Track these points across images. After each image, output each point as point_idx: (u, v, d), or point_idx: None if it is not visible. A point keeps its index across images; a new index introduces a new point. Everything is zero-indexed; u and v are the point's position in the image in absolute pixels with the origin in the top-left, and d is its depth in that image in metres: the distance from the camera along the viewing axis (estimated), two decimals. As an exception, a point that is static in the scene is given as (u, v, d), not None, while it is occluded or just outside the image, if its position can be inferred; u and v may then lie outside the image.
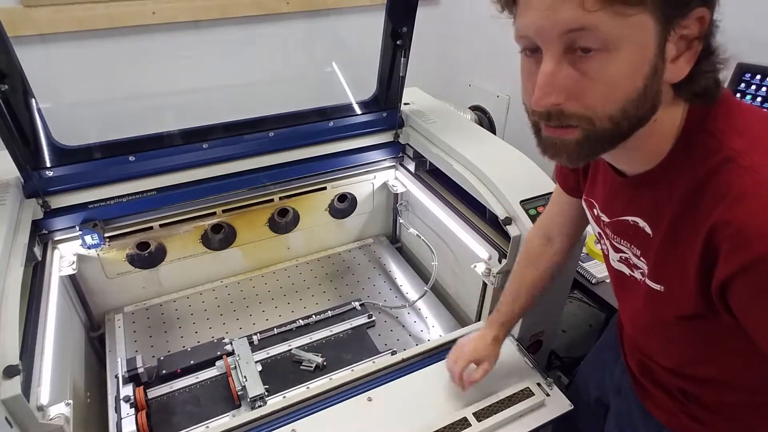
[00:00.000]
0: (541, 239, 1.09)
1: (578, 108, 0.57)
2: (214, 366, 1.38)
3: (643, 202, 0.71)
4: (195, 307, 1.65)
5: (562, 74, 0.56)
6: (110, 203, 1.37)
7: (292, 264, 1.84)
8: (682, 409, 0.85)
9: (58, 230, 1.34)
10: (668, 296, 0.71)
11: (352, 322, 1.55)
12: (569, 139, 0.60)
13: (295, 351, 1.43)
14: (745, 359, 0.65)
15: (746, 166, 0.57)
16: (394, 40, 1.46)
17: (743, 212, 0.56)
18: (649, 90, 0.57)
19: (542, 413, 1.12)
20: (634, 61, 0.55)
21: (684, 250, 0.64)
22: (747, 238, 0.55)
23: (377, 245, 1.95)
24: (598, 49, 0.54)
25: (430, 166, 1.61)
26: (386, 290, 1.74)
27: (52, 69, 1.65)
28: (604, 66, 0.55)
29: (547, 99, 0.57)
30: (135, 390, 1.27)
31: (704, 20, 0.55)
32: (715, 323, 0.67)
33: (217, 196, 1.51)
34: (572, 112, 0.58)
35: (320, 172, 1.63)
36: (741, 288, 0.59)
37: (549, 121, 0.60)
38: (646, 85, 0.56)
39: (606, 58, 0.54)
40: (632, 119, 0.58)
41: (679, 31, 0.55)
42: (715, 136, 0.61)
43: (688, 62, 0.57)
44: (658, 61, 0.55)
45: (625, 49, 0.54)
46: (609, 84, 0.56)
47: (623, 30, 0.53)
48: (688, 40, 0.56)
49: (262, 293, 1.72)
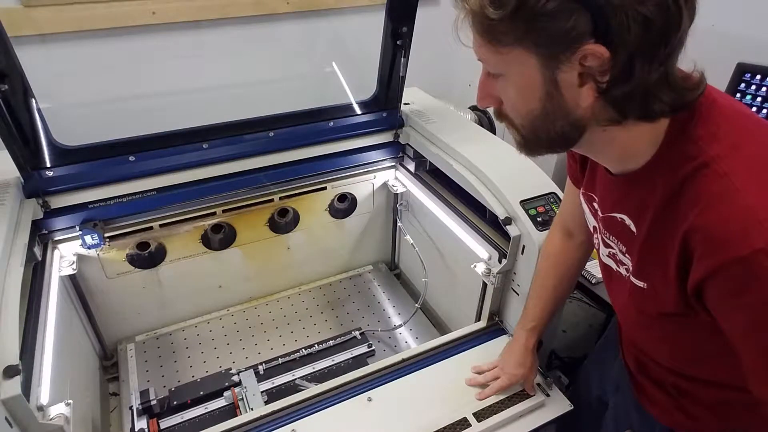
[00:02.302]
0: (561, 235, 1.10)
1: (507, 113, 0.70)
2: (222, 396, 1.43)
3: (630, 201, 0.74)
4: (203, 335, 1.72)
5: (489, 85, 0.69)
6: (110, 203, 1.37)
7: (295, 292, 1.91)
8: (676, 405, 0.86)
9: (58, 230, 1.34)
10: (651, 294, 0.74)
11: (353, 352, 1.61)
12: (514, 136, 0.72)
13: (299, 381, 1.49)
14: (732, 359, 0.67)
15: (721, 173, 0.61)
16: (394, 40, 1.45)
17: (714, 218, 0.60)
18: (550, 110, 0.64)
19: (542, 413, 1.12)
20: (522, 86, 0.65)
21: (664, 250, 0.68)
22: (717, 243, 0.59)
23: (376, 272, 2.02)
24: (496, 74, 0.67)
25: (430, 166, 1.60)
26: (385, 318, 1.81)
27: (52, 69, 1.65)
28: (502, 87, 0.68)
29: (482, 101, 0.72)
30: (149, 422, 1.33)
31: (600, 56, 0.57)
32: (697, 322, 0.69)
33: (217, 195, 1.51)
34: (505, 115, 0.71)
35: (320, 172, 1.62)
36: (713, 290, 0.62)
37: (497, 119, 0.73)
38: (545, 106, 0.64)
39: (502, 81, 0.67)
40: (549, 132, 0.67)
41: (570, 65, 0.60)
42: (694, 141, 0.64)
43: (591, 90, 0.61)
44: (550, 88, 0.63)
45: (511, 76, 0.65)
46: (510, 101, 0.68)
47: (504, 62, 0.64)
48: (590, 72, 0.60)
49: (267, 321, 1.78)
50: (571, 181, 1.00)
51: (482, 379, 1.15)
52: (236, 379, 1.48)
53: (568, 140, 0.68)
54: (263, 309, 1.83)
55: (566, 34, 0.57)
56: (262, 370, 1.53)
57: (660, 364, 0.86)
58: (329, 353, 1.60)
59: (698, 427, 0.86)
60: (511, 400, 1.12)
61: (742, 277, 0.58)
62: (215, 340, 1.70)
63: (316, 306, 1.85)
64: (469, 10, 0.61)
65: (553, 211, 1.22)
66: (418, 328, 1.74)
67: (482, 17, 0.60)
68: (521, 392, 1.14)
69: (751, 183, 0.60)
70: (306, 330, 1.75)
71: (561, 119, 0.65)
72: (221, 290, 1.78)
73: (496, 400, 1.12)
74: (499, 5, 0.58)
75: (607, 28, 0.56)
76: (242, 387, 1.45)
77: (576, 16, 0.56)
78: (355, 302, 1.87)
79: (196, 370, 1.59)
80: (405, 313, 1.80)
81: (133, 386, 1.50)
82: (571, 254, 1.08)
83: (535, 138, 0.69)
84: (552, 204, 1.23)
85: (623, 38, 0.56)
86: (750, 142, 0.64)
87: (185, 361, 1.63)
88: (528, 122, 0.68)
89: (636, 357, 0.93)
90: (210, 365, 1.61)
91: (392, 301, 1.88)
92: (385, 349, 1.66)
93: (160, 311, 1.70)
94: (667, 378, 0.86)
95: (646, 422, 0.93)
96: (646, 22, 0.55)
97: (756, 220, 0.57)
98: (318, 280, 1.96)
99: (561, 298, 1.12)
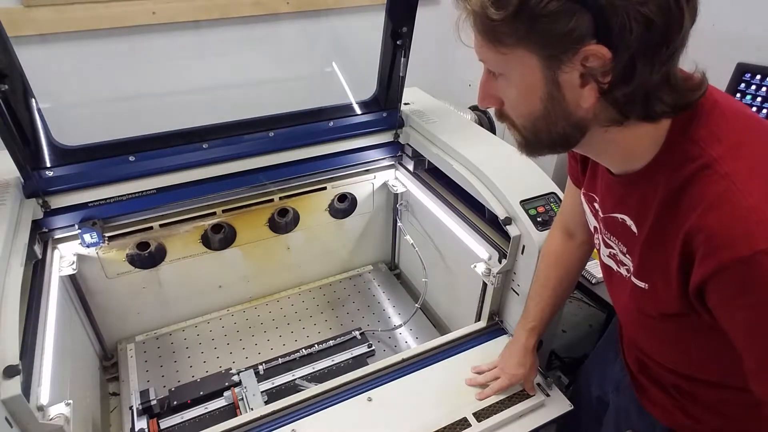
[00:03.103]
0: (561, 235, 1.10)
1: (508, 114, 0.70)
2: (222, 396, 1.43)
3: (631, 201, 0.74)
4: (203, 335, 1.72)
5: (490, 86, 0.69)
6: (110, 201, 1.36)
7: (295, 292, 1.90)
8: (677, 406, 0.86)
9: (57, 228, 1.34)
10: (652, 294, 0.74)
11: (353, 352, 1.61)
12: (515, 136, 0.72)
13: (299, 381, 1.49)
14: (732, 359, 0.67)
15: (723, 174, 0.61)
16: (394, 40, 1.45)
17: (715, 219, 0.60)
18: (552, 111, 0.64)
19: (542, 413, 1.12)
20: (524, 87, 0.65)
21: (665, 251, 0.67)
22: (719, 243, 0.59)
23: (376, 272, 2.01)
24: (498, 74, 0.67)
25: (429, 165, 1.61)
26: (385, 319, 1.80)
27: (52, 69, 1.65)
28: (503, 87, 0.68)
29: (482, 102, 0.71)
30: (149, 422, 1.33)
31: (602, 57, 0.57)
32: (698, 323, 0.69)
33: (217, 194, 1.51)
34: (507, 116, 0.70)
35: (320, 171, 1.62)
36: (714, 291, 0.62)
37: (499, 120, 0.72)
38: (546, 107, 0.64)
39: (504, 81, 0.67)
40: (551, 132, 0.67)
41: (572, 66, 0.60)
42: (696, 142, 0.64)
43: (593, 91, 0.61)
44: (551, 88, 0.63)
45: (512, 76, 0.65)
46: (511, 102, 0.68)
47: (505, 63, 0.64)
48: (592, 73, 0.60)
49: (267, 321, 1.78)
50: (572, 181, 1.00)
51: (482, 379, 1.15)
52: (236, 379, 1.48)
53: (569, 141, 0.68)
54: (263, 309, 1.83)
55: (568, 35, 0.57)
56: (262, 370, 1.53)
57: (661, 364, 0.86)
58: (329, 353, 1.60)
59: (699, 428, 0.86)
60: (511, 400, 1.12)
61: (744, 277, 0.58)
62: (215, 340, 1.70)
63: (316, 306, 1.85)
64: (470, 10, 0.61)
65: (553, 211, 1.22)
66: (418, 328, 1.74)
67: (484, 18, 0.60)
68: (521, 392, 1.14)
69: (753, 184, 0.59)
70: (306, 330, 1.75)
71: (562, 120, 0.65)
72: (221, 290, 1.78)
73: (496, 400, 1.12)
74: (501, 6, 0.58)
75: (609, 29, 0.56)
76: (242, 387, 1.45)
77: (577, 17, 0.56)
78: (355, 302, 1.87)
79: (196, 370, 1.59)
80: (405, 313, 1.81)
81: (133, 386, 1.50)
82: (571, 254, 1.08)
83: (537, 139, 0.69)
84: (552, 204, 1.23)
85: (625, 39, 0.56)
86: (751, 143, 0.64)
87: (185, 361, 1.63)
88: (529, 123, 0.68)
89: (637, 357, 0.93)
90: (210, 365, 1.61)
91: (392, 301, 1.88)
92: (385, 349, 1.66)
93: (160, 311, 1.70)
94: (667, 378, 0.86)
95: (646, 423, 0.93)
96: (647, 23, 0.55)
97: (758, 220, 0.57)
98: (318, 280, 1.96)
99: (561, 298, 1.12)
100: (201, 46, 1.92)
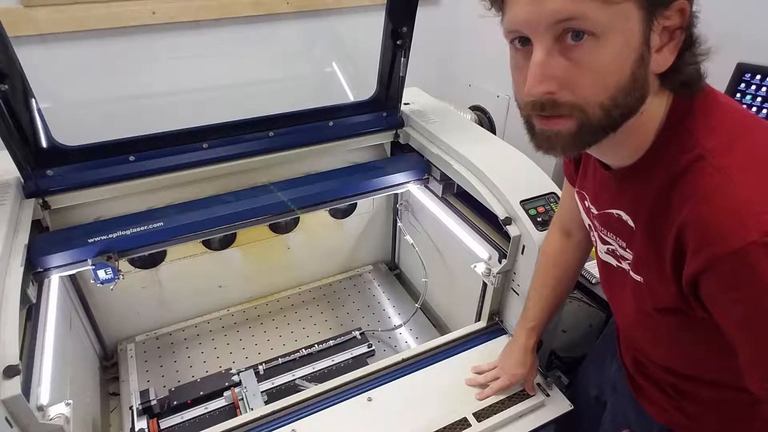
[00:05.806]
0: (559, 235, 1.09)
1: (571, 97, 0.59)
2: (222, 396, 1.43)
3: (626, 196, 0.73)
4: (203, 335, 1.72)
5: (553, 64, 0.57)
6: (125, 233, 1.26)
7: (295, 292, 1.90)
8: (674, 405, 0.86)
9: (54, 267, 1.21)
10: (648, 288, 0.73)
11: (353, 352, 1.61)
12: (563, 129, 0.61)
13: (299, 381, 1.49)
14: (730, 358, 0.66)
15: (717, 166, 0.60)
16: (394, 40, 1.45)
17: (707, 212, 0.59)
18: (637, 78, 0.58)
19: (542, 413, 1.12)
20: (622, 49, 0.56)
21: (660, 244, 0.67)
22: (711, 236, 0.58)
23: (376, 272, 2.01)
24: (587, 37, 0.55)
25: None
26: (385, 319, 1.80)
27: (52, 69, 1.65)
28: (593, 54, 0.56)
29: (540, 87, 0.58)
30: (149, 422, 1.33)
31: (685, 12, 0.57)
32: (694, 320, 0.69)
33: (240, 223, 1.39)
34: (564, 102, 0.59)
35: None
36: (707, 284, 0.61)
37: (542, 111, 0.61)
38: (633, 73, 0.58)
39: (595, 46, 0.56)
40: (623, 108, 0.60)
41: (662, 21, 0.57)
42: (691, 133, 0.63)
43: (672, 52, 0.59)
44: (644, 49, 0.57)
45: (612, 36, 0.55)
46: (599, 71, 0.57)
47: (610, 18, 0.54)
48: (671, 30, 0.58)
49: (267, 321, 1.78)
50: (568, 179, 1.00)
51: (482, 379, 1.15)
52: (236, 379, 1.48)
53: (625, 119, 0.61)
54: (263, 309, 1.83)
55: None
56: (262, 370, 1.53)
57: (658, 363, 0.86)
58: (329, 353, 1.60)
59: (696, 427, 0.86)
60: (511, 400, 1.12)
61: (737, 270, 0.57)
62: (215, 340, 1.70)
63: (316, 306, 1.85)
64: None
65: (553, 211, 1.22)
66: (418, 328, 1.74)
67: None
68: (521, 392, 1.14)
69: (747, 177, 0.58)
70: (306, 330, 1.75)
71: (639, 91, 0.59)
72: (221, 290, 1.78)
73: (496, 400, 1.12)
74: None
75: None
76: (242, 387, 1.45)
77: None
78: (355, 302, 1.87)
79: (196, 370, 1.59)
80: (405, 313, 1.81)
81: (133, 386, 1.50)
82: (570, 253, 1.08)
83: (608, 120, 0.60)
84: (552, 204, 1.23)
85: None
86: (747, 137, 0.63)
87: (185, 361, 1.63)
88: (610, 98, 0.58)
89: (634, 356, 0.93)
90: (210, 365, 1.61)
91: (392, 301, 1.88)
92: (385, 349, 1.66)
93: (160, 311, 1.70)
94: (665, 377, 0.86)
95: (643, 422, 0.93)
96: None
97: (751, 212, 0.56)
98: (318, 280, 1.96)
99: (561, 297, 1.12)
100: (201, 46, 1.92)
